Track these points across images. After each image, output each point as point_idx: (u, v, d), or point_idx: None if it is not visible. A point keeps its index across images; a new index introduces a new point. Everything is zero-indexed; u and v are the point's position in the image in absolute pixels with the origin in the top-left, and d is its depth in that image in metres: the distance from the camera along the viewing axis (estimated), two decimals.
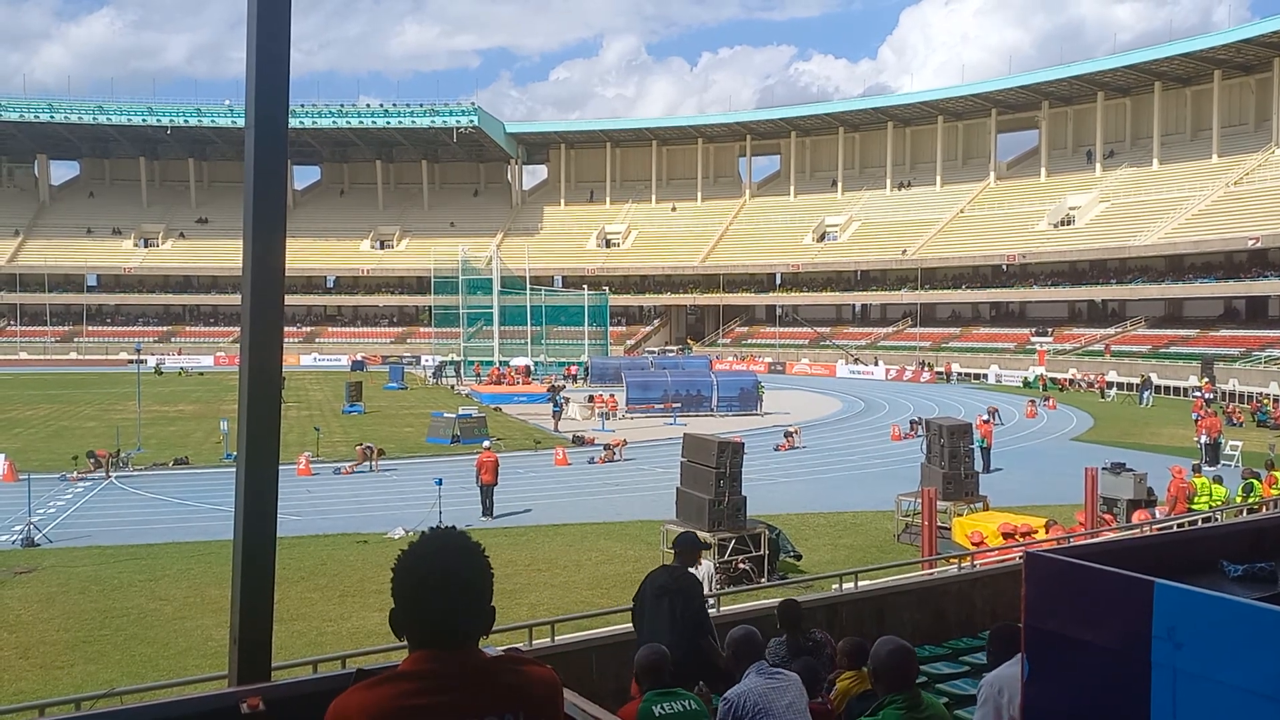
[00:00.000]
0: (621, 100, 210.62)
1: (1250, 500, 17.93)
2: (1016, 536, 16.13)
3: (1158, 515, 17.43)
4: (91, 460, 26.65)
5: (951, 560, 11.99)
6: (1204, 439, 28.98)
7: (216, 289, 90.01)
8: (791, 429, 33.33)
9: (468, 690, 1.94)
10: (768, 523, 16.74)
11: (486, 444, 26.25)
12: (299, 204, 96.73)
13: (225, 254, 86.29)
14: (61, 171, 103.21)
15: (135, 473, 27.26)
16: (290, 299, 79.50)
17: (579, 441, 33.25)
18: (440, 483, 20.58)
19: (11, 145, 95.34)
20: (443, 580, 1.96)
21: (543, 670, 2.09)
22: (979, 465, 22.47)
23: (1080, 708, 2.50)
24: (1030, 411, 41.90)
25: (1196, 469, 21.57)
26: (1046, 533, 16.11)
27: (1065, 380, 56.49)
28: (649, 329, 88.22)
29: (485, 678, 1.98)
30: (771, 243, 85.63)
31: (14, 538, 18.99)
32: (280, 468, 3.21)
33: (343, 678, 2.31)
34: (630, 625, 7.24)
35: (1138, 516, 16.98)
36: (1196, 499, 18.27)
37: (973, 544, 15.94)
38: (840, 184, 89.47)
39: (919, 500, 17.89)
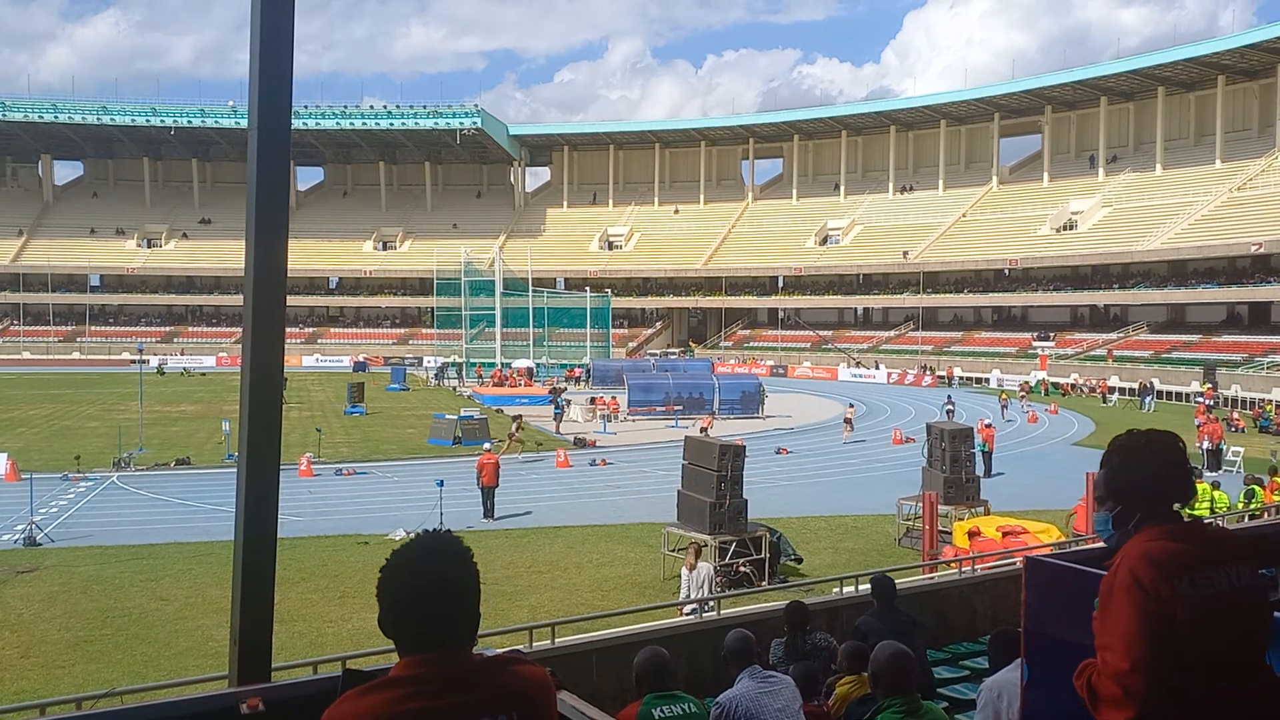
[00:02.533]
0: (625, 102, 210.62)
1: (1252, 506, 17.89)
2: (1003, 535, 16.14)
3: None
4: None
5: (953, 564, 11.99)
6: (1205, 445, 28.95)
7: (219, 289, 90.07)
8: (847, 413, 33.35)
9: (461, 693, 1.94)
10: (769, 526, 16.74)
11: (487, 446, 26.26)
12: (302, 205, 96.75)
13: (228, 254, 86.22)
14: (65, 171, 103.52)
15: (137, 473, 27.30)
16: (292, 300, 79.44)
17: (580, 443, 33.30)
18: (442, 484, 20.61)
19: (15, 145, 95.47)
20: (436, 584, 1.96)
21: (534, 669, 2.09)
22: (980, 469, 22.47)
23: (1079, 713, 2.49)
24: (1032, 416, 41.93)
25: (1198, 474, 21.54)
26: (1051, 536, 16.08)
27: (1067, 385, 56.42)
28: (651, 331, 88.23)
29: (478, 680, 1.98)
30: (774, 246, 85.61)
31: (16, 537, 19.04)
32: (281, 468, 3.22)
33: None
34: (628, 627, 7.26)
35: None
36: (1198, 505, 18.23)
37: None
38: (842, 187, 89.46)
39: (920, 504, 17.89)
